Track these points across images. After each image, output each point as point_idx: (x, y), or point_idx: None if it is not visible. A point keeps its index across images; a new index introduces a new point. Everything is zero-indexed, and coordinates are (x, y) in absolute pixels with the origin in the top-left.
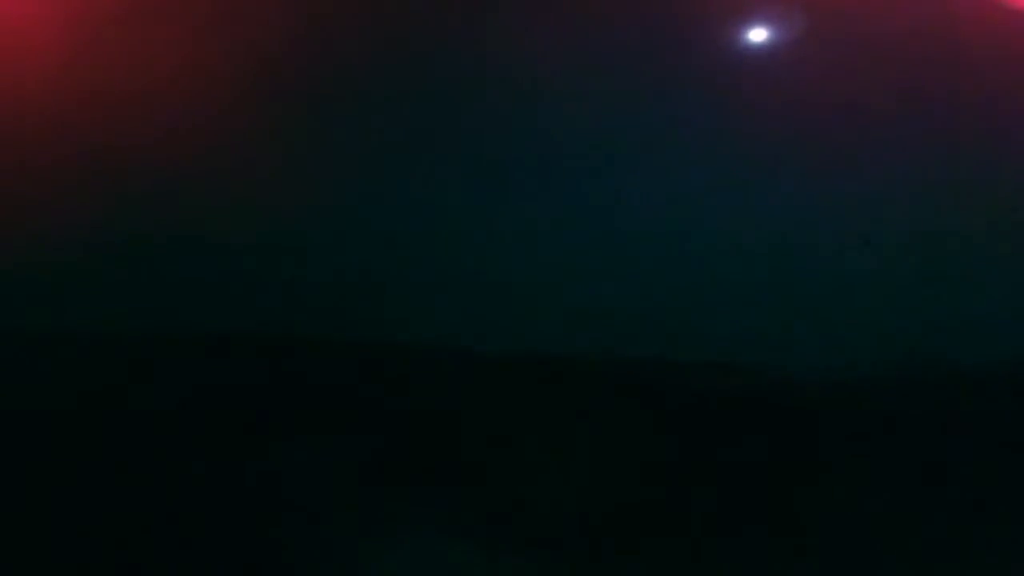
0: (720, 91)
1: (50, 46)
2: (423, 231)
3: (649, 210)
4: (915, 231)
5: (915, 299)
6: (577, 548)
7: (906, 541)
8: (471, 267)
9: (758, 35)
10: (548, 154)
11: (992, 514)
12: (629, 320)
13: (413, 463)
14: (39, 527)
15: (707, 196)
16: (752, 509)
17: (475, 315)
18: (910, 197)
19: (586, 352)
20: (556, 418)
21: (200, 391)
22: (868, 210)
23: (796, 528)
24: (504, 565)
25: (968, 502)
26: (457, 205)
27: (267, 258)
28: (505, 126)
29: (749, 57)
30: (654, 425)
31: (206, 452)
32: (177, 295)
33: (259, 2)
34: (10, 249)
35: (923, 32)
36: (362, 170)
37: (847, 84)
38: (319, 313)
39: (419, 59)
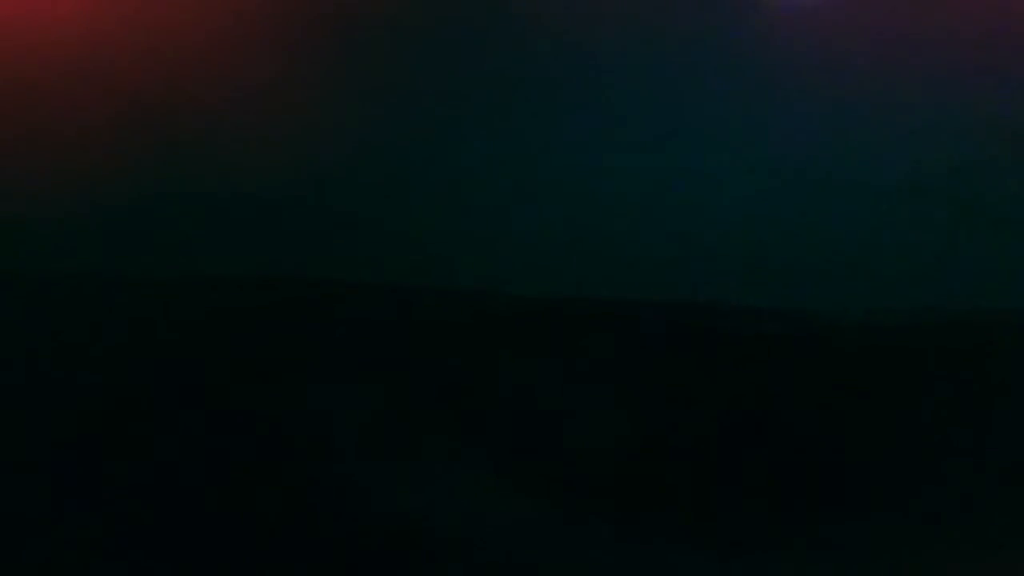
0: (761, 34)
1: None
2: (458, 179)
3: (693, 159)
4: (955, 172)
5: (954, 243)
6: (618, 488)
7: (938, 474)
8: (514, 212)
9: None
10: (587, 99)
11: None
12: (670, 265)
13: (455, 404)
14: (112, 451)
15: (751, 145)
16: (794, 449)
17: (518, 260)
18: (950, 138)
19: (628, 296)
20: (601, 361)
21: (245, 330)
22: (909, 154)
23: (837, 466)
24: (540, 506)
25: (1002, 444)
26: (498, 152)
27: (308, 204)
28: (552, 76)
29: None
30: (698, 367)
31: (248, 388)
32: (235, 240)
33: None
34: (61, 197)
35: None
36: (407, 117)
37: (886, 24)
38: (367, 259)
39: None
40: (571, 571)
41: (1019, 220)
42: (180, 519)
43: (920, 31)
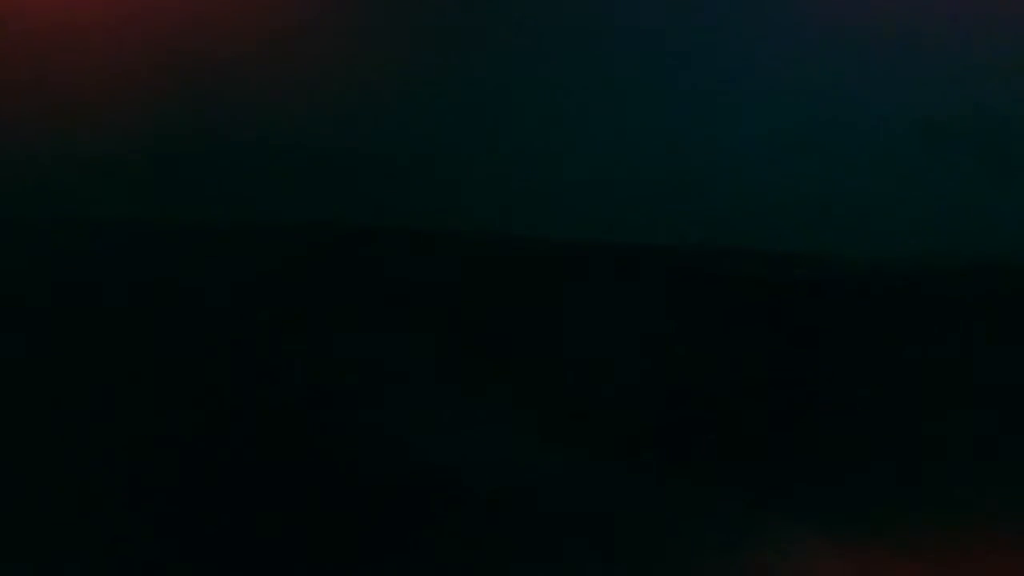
0: None
1: None
2: (492, 122)
3: (716, 102)
4: (981, 113)
5: (982, 190)
6: (647, 434)
7: (963, 419)
8: (545, 155)
9: None
10: (618, 42)
11: None
12: (696, 209)
13: (486, 350)
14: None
15: (773, 87)
16: (821, 393)
17: (548, 203)
18: (976, 78)
19: (655, 240)
20: (627, 306)
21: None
22: (933, 94)
23: (861, 411)
24: (572, 452)
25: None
26: (529, 95)
27: (344, 148)
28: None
29: None
30: (724, 312)
31: (281, 334)
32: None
33: None
34: (94, 142)
35: None
36: (443, 58)
37: None
38: (399, 203)
39: None
40: (603, 516)
41: None
42: (216, 465)
43: None
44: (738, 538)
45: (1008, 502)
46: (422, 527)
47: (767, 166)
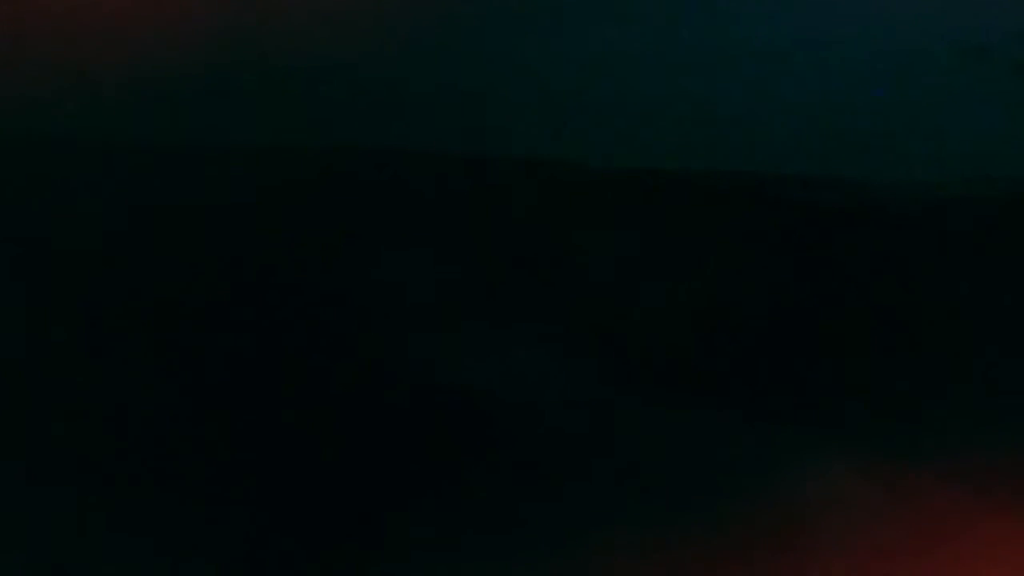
0: None
1: None
2: (535, 52)
3: (761, 28)
4: (1018, 36)
5: (1018, 112)
6: (675, 359)
7: (994, 351)
8: (585, 80)
9: None
10: None
11: None
12: (728, 134)
13: (522, 276)
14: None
15: (805, 13)
16: (850, 321)
17: (590, 130)
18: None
19: (692, 167)
20: (660, 232)
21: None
22: (970, 17)
23: (892, 339)
24: (605, 377)
25: None
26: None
27: (383, 72)
28: None
29: None
30: (754, 237)
31: (314, 258)
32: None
33: None
34: (118, 66)
35: None
36: None
37: None
38: (435, 126)
39: None
40: (632, 442)
41: None
42: (246, 389)
43: None
44: (767, 464)
45: None
46: (447, 448)
47: (800, 91)
